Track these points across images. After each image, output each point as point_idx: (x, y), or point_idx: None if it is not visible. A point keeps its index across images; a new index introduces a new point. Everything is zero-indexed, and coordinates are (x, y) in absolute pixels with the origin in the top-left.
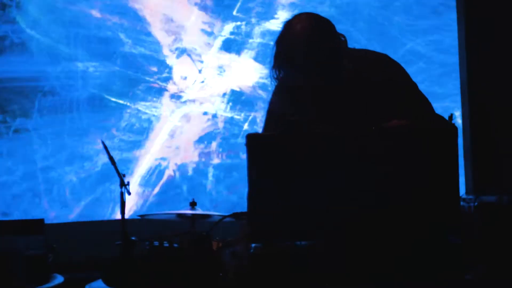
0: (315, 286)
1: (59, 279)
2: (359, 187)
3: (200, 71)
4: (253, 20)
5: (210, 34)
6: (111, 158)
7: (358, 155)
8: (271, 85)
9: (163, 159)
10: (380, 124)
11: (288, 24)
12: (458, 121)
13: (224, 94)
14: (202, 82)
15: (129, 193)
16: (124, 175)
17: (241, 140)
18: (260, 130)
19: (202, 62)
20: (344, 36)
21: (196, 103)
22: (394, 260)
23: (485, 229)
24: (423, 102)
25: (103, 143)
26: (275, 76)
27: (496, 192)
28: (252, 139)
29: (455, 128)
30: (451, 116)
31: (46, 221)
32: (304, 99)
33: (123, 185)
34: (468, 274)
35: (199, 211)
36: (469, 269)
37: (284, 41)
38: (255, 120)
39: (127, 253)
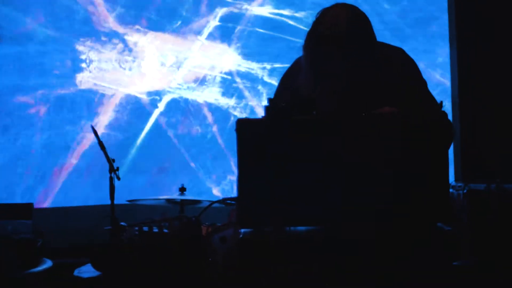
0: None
1: (48, 263)
2: (348, 173)
3: None
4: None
5: None
6: (100, 143)
7: (349, 141)
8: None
9: None
10: (372, 110)
11: (328, 11)
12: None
13: None
14: None
15: (118, 179)
16: (113, 160)
17: None
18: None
19: None
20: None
21: None
22: (384, 247)
23: (474, 216)
24: (431, 101)
25: (92, 128)
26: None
27: (485, 179)
28: (241, 124)
29: (445, 114)
30: (440, 103)
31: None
32: (328, 86)
33: (113, 170)
34: (458, 260)
35: (188, 196)
36: (459, 256)
37: (323, 28)
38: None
39: (116, 238)
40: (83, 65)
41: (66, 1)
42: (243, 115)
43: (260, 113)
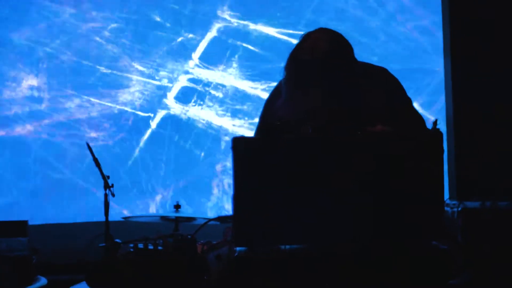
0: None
1: (42, 281)
2: (343, 191)
3: None
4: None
5: None
6: (95, 160)
7: (343, 159)
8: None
9: None
10: (365, 128)
11: (309, 37)
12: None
13: None
14: None
15: (113, 195)
16: (108, 177)
17: None
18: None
19: None
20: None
21: None
22: (379, 266)
23: (468, 234)
24: (416, 118)
25: (87, 144)
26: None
27: (479, 197)
28: (238, 142)
29: (440, 133)
30: (435, 122)
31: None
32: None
33: (108, 187)
34: (453, 279)
35: (183, 214)
36: (454, 274)
37: (303, 53)
38: None
39: (111, 255)
40: None
41: None
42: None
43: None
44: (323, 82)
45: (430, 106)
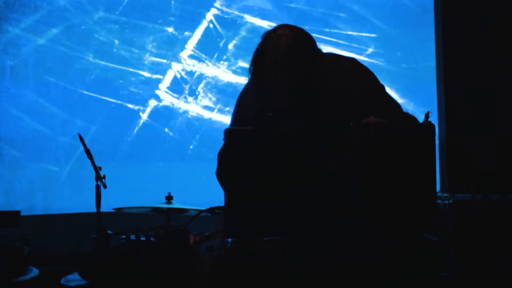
0: (291, 281)
1: (34, 271)
2: (336, 184)
3: None
4: None
5: None
6: (87, 151)
7: (336, 152)
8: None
9: None
10: (358, 121)
11: (271, 34)
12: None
13: None
14: None
15: (105, 187)
16: (100, 168)
17: None
18: None
19: None
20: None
21: None
22: (371, 258)
23: (460, 227)
24: (392, 103)
25: (79, 135)
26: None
27: (471, 190)
28: (230, 134)
29: (432, 126)
30: (427, 114)
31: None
32: (280, 105)
33: (99, 178)
34: (444, 271)
35: (174, 205)
36: (445, 267)
37: (266, 52)
38: None
39: (103, 246)
40: None
41: None
42: None
43: None
44: (289, 78)
45: (421, 99)
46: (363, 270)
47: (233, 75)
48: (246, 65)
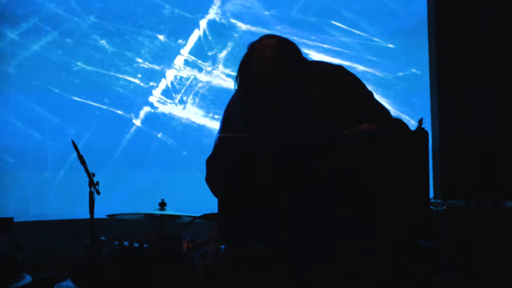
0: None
1: (27, 279)
2: (329, 191)
3: None
4: None
5: None
6: (80, 158)
7: (329, 159)
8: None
9: None
10: (349, 127)
11: (256, 45)
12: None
13: None
14: None
15: (98, 193)
16: (93, 175)
17: None
18: None
19: None
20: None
21: None
22: (364, 264)
23: (453, 233)
24: (381, 109)
25: (73, 142)
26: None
27: (464, 196)
28: (224, 141)
29: (425, 132)
30: (421, 121)
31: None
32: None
33: (93, 184)
34: (437, 277)
35: (168, 211)
36: (438, 273)
37: (251, 61)
38: None
39: (96, 252)
40: None
41: None
42: None
43: None
44: (275, 87)
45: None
46: (356, 275)
47: (226, 82)
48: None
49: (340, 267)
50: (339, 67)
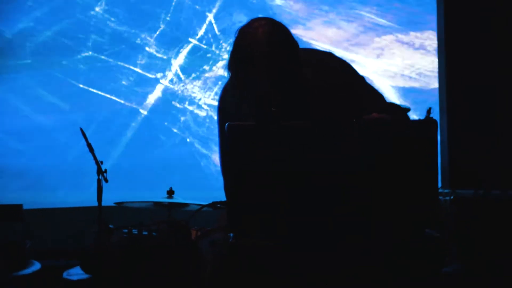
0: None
1: (36, 265)
2: (337, 180)
3: None
4: None
5: None
6: (89, 145)
7: (338, 148)
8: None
9: None
10: (360, 116)
11: (247, 29)
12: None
13: None
14: None
15: (106, 181)
16: (101, 162)
17: None
18: None
19: None
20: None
21: None
22: (373, 254)
23: (461, 223)
24: (375, 94)
25: (81, 130)
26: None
27: (472, 186)
28: (232, 129)
29: (434, 121)
30: (429, 110)
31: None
32: (265, 102)
33: (101, 172)
34: (446, 267)
35: (176, 199)
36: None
37: (244, 45)
38: None
39: (104, 240)
40: None
41: None
42: None
43: None
44: (271, 66)
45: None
46: (364, 266)
47: None
48: None
49: (347, 257)
50: (329, 54)
